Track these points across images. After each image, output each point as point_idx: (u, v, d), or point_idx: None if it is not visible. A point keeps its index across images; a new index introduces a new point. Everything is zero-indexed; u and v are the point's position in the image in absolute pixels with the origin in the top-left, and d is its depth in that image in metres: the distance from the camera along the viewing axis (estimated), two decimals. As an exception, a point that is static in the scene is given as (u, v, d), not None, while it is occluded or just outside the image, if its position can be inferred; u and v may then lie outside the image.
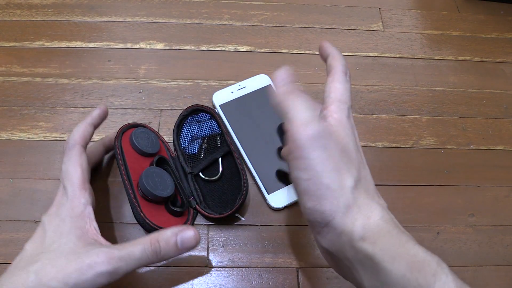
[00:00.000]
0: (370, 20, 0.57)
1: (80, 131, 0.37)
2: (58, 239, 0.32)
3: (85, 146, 0.37)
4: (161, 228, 0.37)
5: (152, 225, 0.37)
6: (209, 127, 0.46)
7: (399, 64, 0.54)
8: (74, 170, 0.35)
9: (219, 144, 0.45)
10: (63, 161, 0.36)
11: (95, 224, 0.34)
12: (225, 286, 0.39)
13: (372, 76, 0.53)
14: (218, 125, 0.46)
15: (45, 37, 0.52)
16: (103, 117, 0.39)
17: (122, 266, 0.30)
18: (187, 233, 0.33)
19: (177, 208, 0.39)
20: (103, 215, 0.41)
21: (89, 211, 0.34)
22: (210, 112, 0.46)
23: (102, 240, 0.33)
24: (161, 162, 0.42)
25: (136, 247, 0.31)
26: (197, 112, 0.46)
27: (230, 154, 0.44)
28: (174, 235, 0.32)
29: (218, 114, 0.46)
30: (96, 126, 0.38)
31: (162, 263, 0.39)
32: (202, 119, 0.46)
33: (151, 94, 0.49)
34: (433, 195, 0.45)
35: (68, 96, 0.48)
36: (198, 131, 0.46)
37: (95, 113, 0.38)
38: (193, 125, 0.46)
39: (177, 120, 0.45)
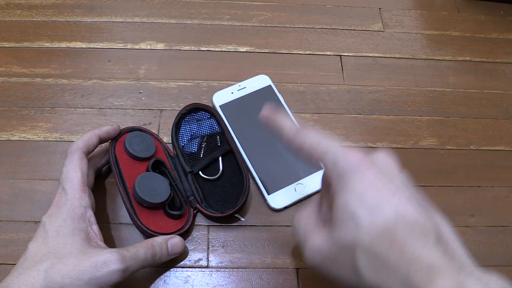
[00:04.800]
0: (370, 20, 0.57)
1: (85, 138, 0.38)
2: (63, 240, 0.32)
3: (86, 153, 0.38)
4: (160, 233, 0.37)
5: (150, 231, 0.37)
6: (208, 126, 0.46)
7: (399, 64, 0.54)
8: (75, 172, 0.35)
9: (219, 143, 0.45)
10: (64, 164, 0.36)
11: (95, 228, 0.35)
12: (225, 287, 0.39)
13: (372, 77, 0.53)
14: (218, 124, 0.46)
15: (45, 37, 0.52)
16: (112, 134, 0.40)
17: (132, 265, 0.32)
18: (175, 239, 0.37)
19: (175, 212, 0.39)
20: (100, 215, 0.41)
21: (90, 214, 0.35)
22: (209, 111, 0.46)
23: (102, 244, 0.34)
24: (158, 165, 0.41)
25: (140, 250, 0.34)
26: (196, 110, 0.46)
27: (231, 154, 0.44)
28: (165, 241, 0.36)
29: (218, 113, 0.46)
30: (102, 139, 0.39)
31: (162, 263, 0.39)
32: (201, 117, 0.46)
33: (151, 95, 0.49)
34: (433, 195, 0.45)
35: (68, 97, 0.48)
36: (197, 130, 0.46)
37: (105, 128, 0.40)
38: (192, 123, 0.46)
39: (175, 119, 0.45)
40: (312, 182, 0.44)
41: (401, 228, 0.24)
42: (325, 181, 0.30)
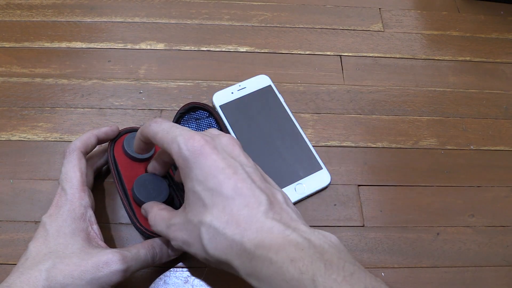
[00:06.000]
0: (370, 20, 0.57)
1: (83, 138, 0.38)
2: (64, 240, 0.32)
3: (85, 153, 0.38)
4: (159, 235, 0.37)
5: (149, 233, 0.37)
6: (207, 125, 0.46)
7: (399, 64, 0.54)
8: (74, 172, 0.35)
9: (218, 143, 0.45)
10: (62, 164, 0.36)
11: (96, 228, 0.35)
12: (225, 287, 0.39)
13: (372, 77, 0.53)
14: (217, 122, 0.46)
15: (45, 37, 0.52)
16: (110, 135, 0.40)
17: (132, 266, 0.32)
18: None
19: None
20: (100, 215, 0.41)
21: (90, 214, 0.35)
22: (208, 109, 0.46)
23: (103, 244, 0.34)
24: None
25: (141, 250, 0.34)
26: (195, 109, 0.46)
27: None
28: (166, 242, 0.36)
29: (216, 112, 0.46)
30: (100, 140, 0.39)
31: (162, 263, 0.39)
32: (200, 116, 0.46)
33: (151, 95, 0.49)
34: (433, 195, 0.45)
35: (68, 97, 0.48)
36: (196, 129, 0.46)
37: (104, 128, 0.39)
38: (190, 123, 0.46)
39: (174, 118, 0.45)
40: (312, 182, 0.44)
41: (237, 203, 0.27)
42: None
